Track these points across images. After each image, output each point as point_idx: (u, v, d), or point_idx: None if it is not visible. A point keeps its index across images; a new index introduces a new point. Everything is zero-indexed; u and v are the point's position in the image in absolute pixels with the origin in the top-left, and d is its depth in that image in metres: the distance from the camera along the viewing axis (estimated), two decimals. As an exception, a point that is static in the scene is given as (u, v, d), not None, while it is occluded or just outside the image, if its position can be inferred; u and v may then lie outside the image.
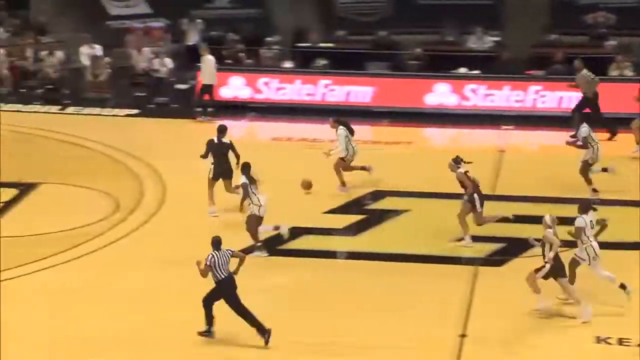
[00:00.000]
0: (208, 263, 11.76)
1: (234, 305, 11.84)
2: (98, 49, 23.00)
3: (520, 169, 18.08)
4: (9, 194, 16.47)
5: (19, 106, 21.84)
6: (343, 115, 22.00)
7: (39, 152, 19.03)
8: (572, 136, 17.74)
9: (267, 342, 11.76)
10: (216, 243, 11.93)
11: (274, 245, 14.80)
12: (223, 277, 11.81)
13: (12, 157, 18.44)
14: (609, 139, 19.17)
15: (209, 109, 21.10)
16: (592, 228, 12.79)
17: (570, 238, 12.84)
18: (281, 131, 20.69)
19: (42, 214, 15.81)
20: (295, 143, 19.92)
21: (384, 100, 21.99)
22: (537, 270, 12.44)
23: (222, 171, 15.47)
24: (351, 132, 16.86)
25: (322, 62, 22.97)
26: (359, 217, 15.87)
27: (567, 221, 13.02)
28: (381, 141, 20.09)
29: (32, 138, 19.75)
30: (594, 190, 16.31)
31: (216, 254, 11.82)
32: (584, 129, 16.40)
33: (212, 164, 15.55)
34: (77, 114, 21.64)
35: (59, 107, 21.94)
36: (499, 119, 20.91)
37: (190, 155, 17.08)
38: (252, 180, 14.16)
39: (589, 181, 16.34)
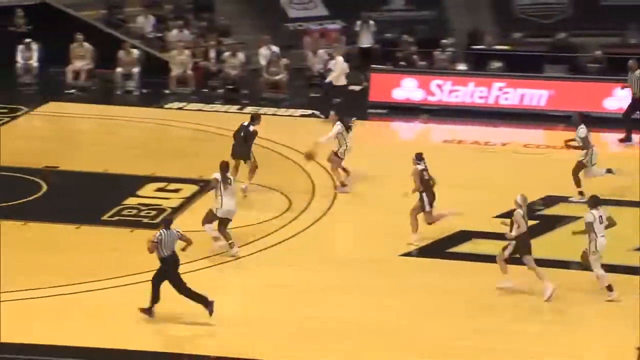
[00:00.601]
0: (155, 240, 12.44)
1: (175, 283, 12.38)
2: (276, 51, 23.62)
3: None
4: (189, 190, 17.22)
5: (200, 105, 22.66)
6: (516, 119, 21.62)
7: (218, 150, 19.72)
8: (620, 139, 18.10)
9: (211, 313, 12.29)
10: (167, 222, 12.74)
11: (443, 249, 14.87)
12: (166, 254, 12.39)
13: (194, 155, 19.27)
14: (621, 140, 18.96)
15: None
16: (600, 223, 12.92)
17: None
18: (453, 134, 20.58)
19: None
20: (467, 146, 19.79)
21: (560, 104, 21.46)
22: (504, 248, 12.92)
23: (240, 152, 16.60)
24: (347, 129, 16.98)
25: (496, 64, 22.70)
26: (530, 222, 15.60)
27: None
28: (556, 146, 19.63)
29: (213, 137, 20.50)
30: (580, 194, 16.30)
31: (164, 232, 12.50)
32: (582, 129, 16.29)
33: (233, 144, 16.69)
34: (255, 113, 22.28)
35: (238, 106, 22.66)
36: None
37: (360, 156, 17.32)
38: (225, 181, 14.44)
39: (577, 183, 16.42)
